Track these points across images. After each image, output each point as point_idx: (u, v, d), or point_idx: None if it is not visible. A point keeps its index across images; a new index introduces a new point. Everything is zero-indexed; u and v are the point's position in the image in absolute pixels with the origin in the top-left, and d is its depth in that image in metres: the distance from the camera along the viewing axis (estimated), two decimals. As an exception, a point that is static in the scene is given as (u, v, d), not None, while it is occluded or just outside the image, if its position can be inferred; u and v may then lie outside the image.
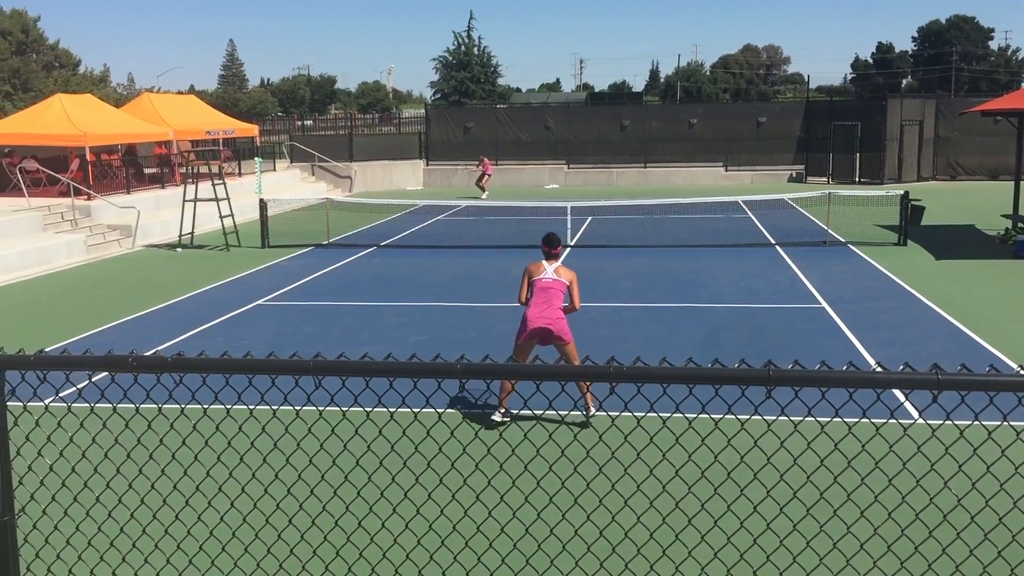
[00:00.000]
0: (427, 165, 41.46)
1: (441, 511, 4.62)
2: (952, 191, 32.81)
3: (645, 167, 39.58)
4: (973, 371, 2.63)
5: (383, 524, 4.34)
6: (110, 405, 3.61)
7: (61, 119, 26.31)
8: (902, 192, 21.18)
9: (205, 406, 3.63)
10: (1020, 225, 19.80)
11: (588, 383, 8.64)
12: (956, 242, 20.79)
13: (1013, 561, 4.31)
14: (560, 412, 3.29)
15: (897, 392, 9.11)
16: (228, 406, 3.54)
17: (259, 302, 15.88)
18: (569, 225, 22.31)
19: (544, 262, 9.38)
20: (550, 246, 9.50)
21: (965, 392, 2.63)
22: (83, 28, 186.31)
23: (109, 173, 27.91)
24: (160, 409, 3.70)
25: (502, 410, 8.84)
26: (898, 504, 4.08)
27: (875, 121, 35.74)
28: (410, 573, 4.88)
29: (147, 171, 30.38)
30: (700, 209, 27.27)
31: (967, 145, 36.46)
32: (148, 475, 4.48)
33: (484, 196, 33.70)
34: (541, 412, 3.19)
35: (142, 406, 3.62)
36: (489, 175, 34.92)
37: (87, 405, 3.76)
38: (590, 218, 26.50)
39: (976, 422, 3.21)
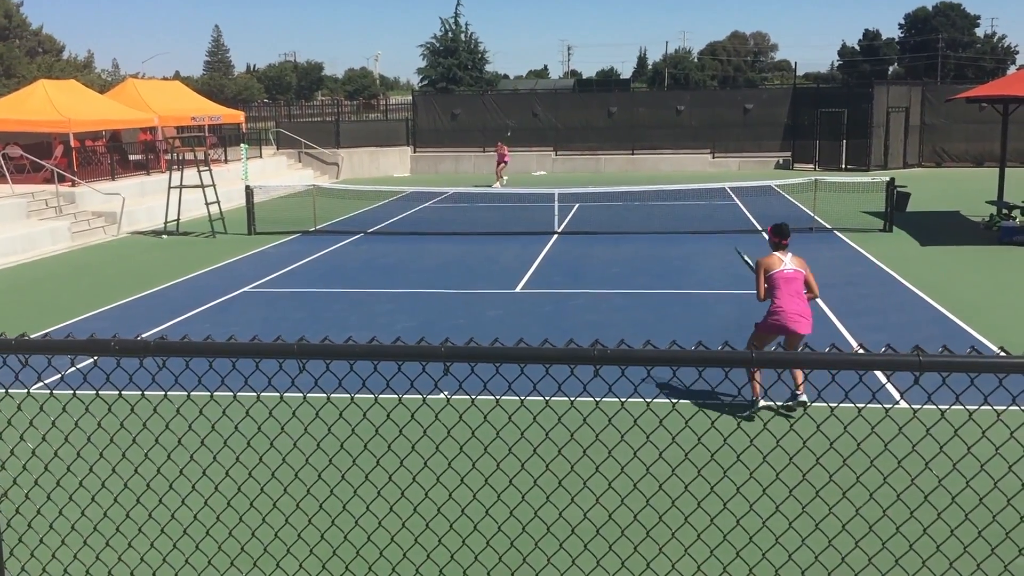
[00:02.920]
0: (414, 152, 41.35)
1: (426, 494, 4.63)
2: (937, 178, 32.94)
3: (633, 154, 39.57)
4: (955, 353, 2.65)
5: (367, 507, 4.35)
6: (93, 391, 3.60)
7: (45, 105, 26.09)
8: (888, 179, 21.24)
9: (188, 391, 3.63)
10: (1004, 211, 19.91)
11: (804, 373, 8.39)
12: (941, 228, 20.88)
13: (993, 541, 4.34)
14: (544, 396, 3.30)
15: (879, 375, 9.16)
16: (211, 391, 3.53)
17: (245, 289, 15.83)
18: (556, 212, 22.30)
19: (777, 254, 9.13)
20: (781, 236, 9.23)
21: (947, 374, 2.65)
22: (67, 13, 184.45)
23: (93, 159, 27.71)
24: (143, 394, 3.69)
25: (759, 395, 8.70)
26: (879, 485, 4.11)
27: (861, 108, 35.81)
28: (395, 556, 4.90)
29: (132, 157, 30.19)
30: (687, 196, 27.29)
31: (953, 132, 36.58)
32: (131, 460, 4.46)
33: (497, 184, 33.04)
34: (524, 396, 3.21)
35: (125, 391, 3.61)
36: (506, 162, 34.14)
37: (69, 391, 3.75)
38: (577, 205, 26.49)
39: (958, 404, 3.23)
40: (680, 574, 4.64)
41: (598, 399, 3.67)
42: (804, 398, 8.64)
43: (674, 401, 9.13)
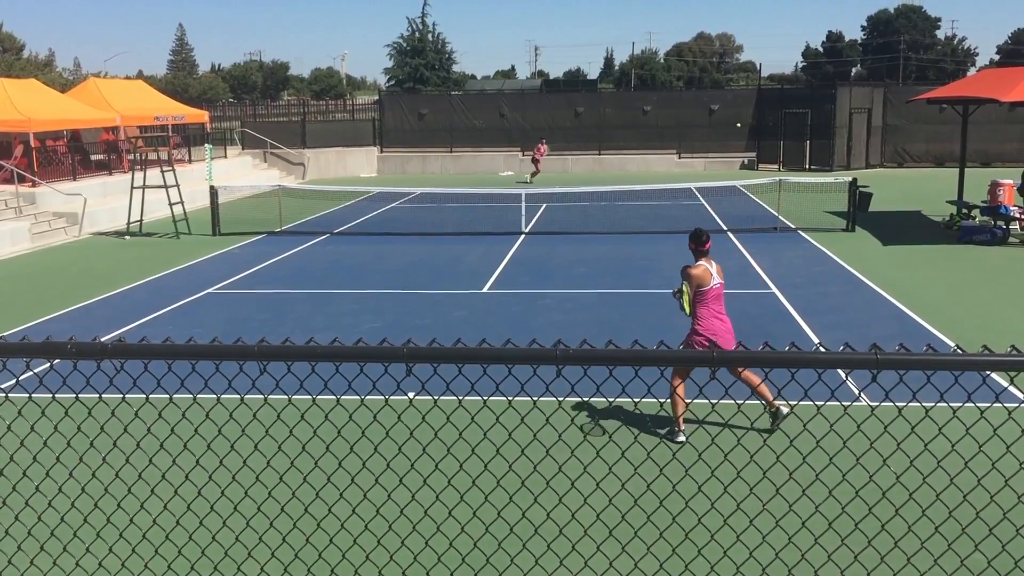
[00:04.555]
0: (381, 152, 41.18)
1: (388, 495, 4.61)
2: (899, 178, 33.39)
3: (599, 154, 39.70)
4: (911, 351, 2.68)
5: (330, 509, 4.32)
6: (49, 394, 3.54)
7: (4, 104, 25.64)
8: (850, 179, 21.50)
9: (147, 393, 3.58)
10: (964, 211, 20.23)
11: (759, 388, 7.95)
12: (903, 228, 21.17)
13: (950, 536, 4.41)
14: (507, 396, 3.29)
15: (840, 372, 9.27)
16: (170, 393, 3.49)
17: (210, 290, 15.68)
18: (523, 212, 22.32)
19: (703, 263, 8.35)
20: (698, 243, 8.42)
21: (903, 371, 2.68)
22: (27, 12, 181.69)
23: (54, 159, 27.29)
24: (100, 397, 3.64)
25: (680, 428, 8.04)
26: (839, 482, 4.15)
27: (825, 109, 36.20)
28: (358, 558, 4.87)
29: (94, 157, 29.77)
30: (653, 196, 27.43)
31: (914, 133, 37.09)
32: (88, 463, 4.40)
33: (529, 181, 33.60)
34: (487, 396, 3.21)
35: (82, 395, 3.56)
36: (539, 157, 34.65)
37: (25, 394, 3.69)
38: (544, 205, 26.54)
39: (914, 402, 3.28)
40: (642, 572, 4.66)
41: (560, 399, 3.68)
42: (784, 409, 8.04)
43: (636, 400, 9.18)
